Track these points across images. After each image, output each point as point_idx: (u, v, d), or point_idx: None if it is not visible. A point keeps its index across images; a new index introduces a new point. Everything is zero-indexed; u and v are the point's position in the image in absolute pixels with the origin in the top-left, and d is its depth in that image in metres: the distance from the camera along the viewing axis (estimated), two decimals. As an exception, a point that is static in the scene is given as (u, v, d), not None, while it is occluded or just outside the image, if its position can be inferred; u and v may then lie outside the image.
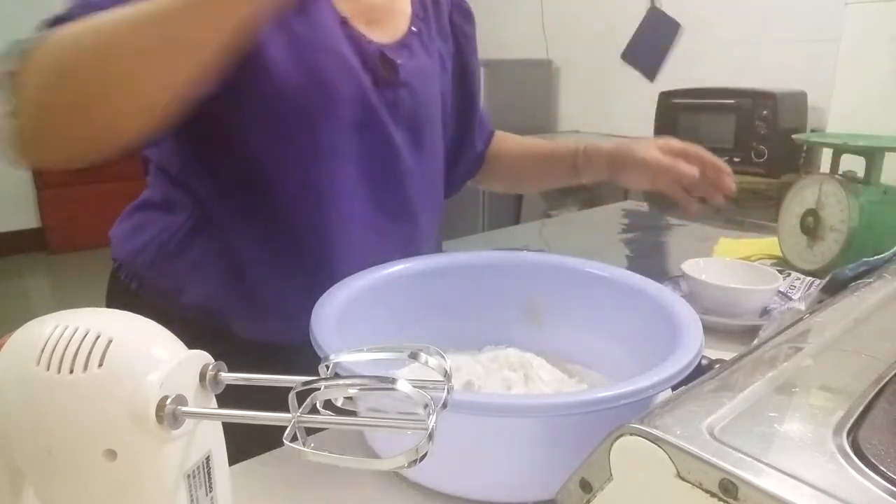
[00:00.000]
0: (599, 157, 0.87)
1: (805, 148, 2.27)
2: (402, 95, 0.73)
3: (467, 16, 0.87)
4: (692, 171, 0.80)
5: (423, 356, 0.32)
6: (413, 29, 0.77)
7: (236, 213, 0.70)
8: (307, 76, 0.65)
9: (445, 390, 0.32)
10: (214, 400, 0.36)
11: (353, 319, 0.59)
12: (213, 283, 0.71)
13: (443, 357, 0.33)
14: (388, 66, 0.72)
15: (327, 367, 0.34)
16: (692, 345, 0.50)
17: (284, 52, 0.64)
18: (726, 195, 0.84)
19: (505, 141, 0.99)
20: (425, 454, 0.30)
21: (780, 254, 1.06)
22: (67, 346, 0.32)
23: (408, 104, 0.74)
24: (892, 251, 0.66)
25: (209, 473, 0.36)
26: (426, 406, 0.30)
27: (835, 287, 0.63)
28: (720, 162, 0.84)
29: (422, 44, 0.78)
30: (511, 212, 3.23)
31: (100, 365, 0.32)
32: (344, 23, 0.69)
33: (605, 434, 0.32)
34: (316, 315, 0.55)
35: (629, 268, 0.68)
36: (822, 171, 1.11)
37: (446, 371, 0.33)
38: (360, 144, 0.70)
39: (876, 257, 0.66)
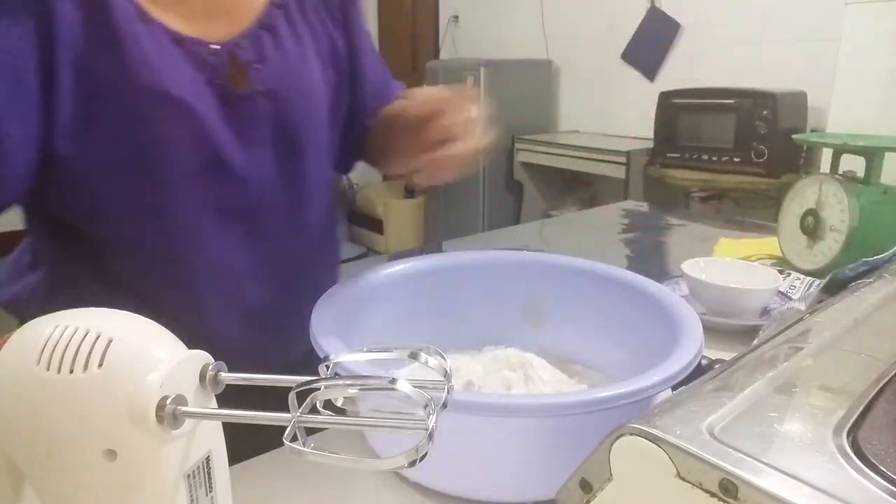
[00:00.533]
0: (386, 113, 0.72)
1: (805, 148, 2.27)
2: (261, 106, 0.60)
3: None
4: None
5: (423, 356, 0.32)
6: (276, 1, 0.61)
7: (91, 277, 0.61)
8: (118, 134, 0.54)
9: (445, 390, 0.32)
10: (214, 400, 0.36)
11: (354, 319, 0.59)
12: None
13: (443, 357, 0.33)
14: (237, 75, 0.58)
15: (327, 367, 0.34)
16: (692, 345, 0.50)
17: (83, 109, 0.52)
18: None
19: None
20: (425, 454, 0.30)
21: (780, 254, 1.06)
22: (67, 345, 0.32)
23: (271, 116, 0.61)
24: (892, 251, 0.66)
25: (209, 473, 0.36)
26: (426, 406, 0.30)
27: (835, 287, 0.63)
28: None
29: (287, 22, 0.62)
30: (511, 212, 3.23)
31: (100, 365, 0.32)
32: (178, 41, 0.55)
33: (605, 434, 0.32)
34: (316, 315, 0.55)
35: (629, 268, 0.68)
36: (822, 171, 1.11)
37: (446, 371, 0.32)
38: (212, 189, 0.59)
39: (876, 257, 0.66)
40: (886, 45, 1.81)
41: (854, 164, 1.01)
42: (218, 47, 0.57)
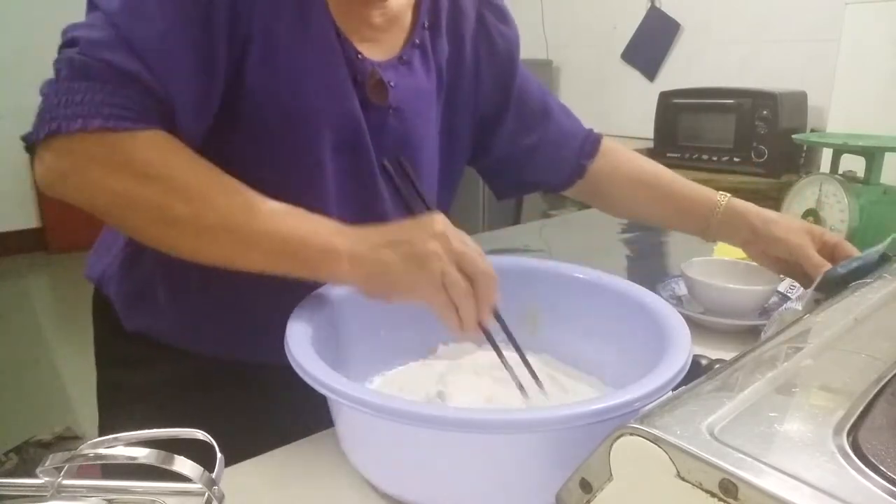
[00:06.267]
0: (742, 222, 0.80)
1: (805, 148, 2.27)
2: (390, 120, 0.70)
3: (499, 13, 0.81)
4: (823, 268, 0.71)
5: (177, 460, 0.34)
6: (416, 41, 0.72)
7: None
8: (292, 98, 0.62)
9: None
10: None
11: (334, 326, 0.60)
12: (154, 311, 0.69)
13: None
14: (378, 89, 0.68)
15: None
16: (677, 360, 0.49)
17: (269, 75, 0.61)
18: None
19: (619, 159, 0.88)
20: None
21: (780, 254, 1.06)
22: None
23: (395, 128, 0.70)
24: (882, 244, 0.66)
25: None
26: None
27: (828, 285, 0.63)
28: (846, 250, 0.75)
29: (423, 57, 0.73)
30: (511, 212, 3.23)
31: None
32: (339, 36, 0.65)
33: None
34: (295, 319, 0.56)
35: (629, 268, 0.68)
36: (822, 171, 1.11)
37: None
38: (344, 165, 0.67)
39: (867, 251, 0.65)
40: (886, 45, 1.81)
41: (854, 164, 1.01)
42: (364, 58, 0.67)
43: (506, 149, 0.85)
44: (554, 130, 0.86)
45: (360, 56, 0.66)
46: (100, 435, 0.37)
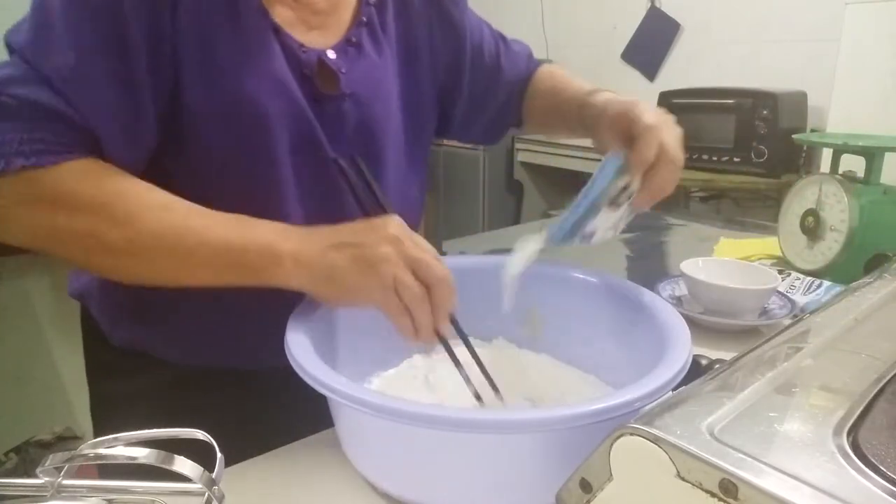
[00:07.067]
0: (592, 110, 0.72)
1: (805, 148, 2.27)
2: (346, 107, 0.67)
3: None
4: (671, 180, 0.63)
5: (177, 460, 0.34)
6: (363, 19, 0.69)
7: None
8: (236, 107, 0.59)
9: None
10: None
11: (341, 320, 0.60)
12: (135, 324, 0.69)
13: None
14: (327, 78, 0.65)
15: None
16: (677, 360, 0.49)
17: (208, 89, 0.58)
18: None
19: (543, 82, 0.86)
20: None
21: (780, 254, 1.06)
22: None
23: (353, 115, 0.67)
24: (614, 156, 0.61)
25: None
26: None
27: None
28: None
29: (371, 35, 0.70)
30: (511, 212, 3.23)
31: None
32: (277, 31, 0.62)
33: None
34: (295, 316, 0.56)
35: (629, 268, 0.68)
36: (822, 171, 1.11)
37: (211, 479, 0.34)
38: (302, 165, 0.64)
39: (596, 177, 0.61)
40: (886, 45, 1.81)
41: (854, 164, 1.01)
42: (308, 49, 0.64)
43: (464, 116, 0.84)
44: (503, 83, 0.85)
45: (303, 48, 0.64)
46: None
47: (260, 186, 0.62)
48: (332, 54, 0.66)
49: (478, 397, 0.58)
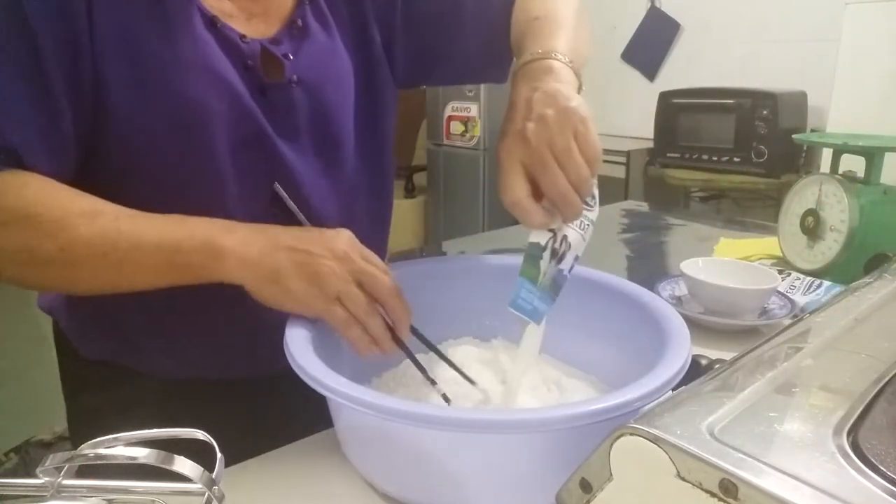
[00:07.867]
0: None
1: (805, 148, 2.27)
2: (296, 95, 0.63)
3: None
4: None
5: (177, 460, 0.34)
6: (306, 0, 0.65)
7: None
8: (172, 113, 0.56)
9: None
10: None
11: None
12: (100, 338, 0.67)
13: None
14: (271, 66, 0.61)
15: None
16: (677, 360, 0.49)
17: (139, 97, 0.55)
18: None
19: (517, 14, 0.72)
20: None
21: (780, 254, 1.06)
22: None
23: (304, 102, 0.63)
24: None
25: None
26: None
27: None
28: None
29: (317, 14, 0.66)
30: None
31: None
32: (212, 24, 0.59)
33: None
34: (294, 316, 0.56)
35: (629, 268, 0.68)
36: (822, 171, 1.11)
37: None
38: (245, 164, 0.61)
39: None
40: (886, 45, 1.81)
41: (854, 164, 1.01)
42: (250, 39, 0.61)
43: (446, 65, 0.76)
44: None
45: (244, 38, 0.60)
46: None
47: (200, 187, 0.60)
48: (275, 41, 0.63)
49: (445, 398, 0.57)
